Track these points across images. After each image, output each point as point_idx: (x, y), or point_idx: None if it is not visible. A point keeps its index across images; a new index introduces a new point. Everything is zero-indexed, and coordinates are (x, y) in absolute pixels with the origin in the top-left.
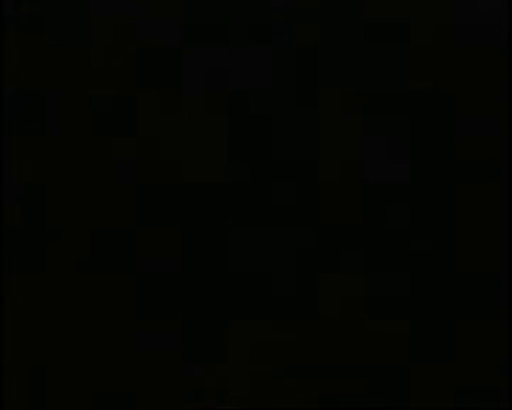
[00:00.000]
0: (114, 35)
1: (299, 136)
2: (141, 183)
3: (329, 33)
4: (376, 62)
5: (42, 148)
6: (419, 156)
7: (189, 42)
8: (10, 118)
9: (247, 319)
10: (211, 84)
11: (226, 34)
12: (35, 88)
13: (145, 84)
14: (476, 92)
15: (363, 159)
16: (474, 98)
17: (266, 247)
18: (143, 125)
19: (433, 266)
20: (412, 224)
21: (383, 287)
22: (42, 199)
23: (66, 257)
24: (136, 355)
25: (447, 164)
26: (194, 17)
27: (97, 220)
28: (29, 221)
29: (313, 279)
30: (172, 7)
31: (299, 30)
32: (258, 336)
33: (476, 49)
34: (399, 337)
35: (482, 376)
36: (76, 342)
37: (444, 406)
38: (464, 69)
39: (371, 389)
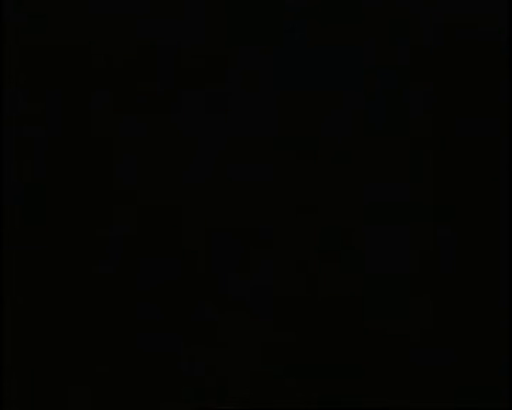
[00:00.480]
0: (115, 35)
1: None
2: (140, 183)
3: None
4: (377, 63)
5: (42, 148)
6: (420, 158)
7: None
8: (10, 118)
9: (247, 318)
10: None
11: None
12: (35, 88)
13: (144, 85)
14: (476, 92)
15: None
16: (474, 98)
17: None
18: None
19: (433, 265)
20: (411, 223)
21: (383, 286)
22: (42, 199)
23: (66, 257)
24: (136, 355)
25: (447, 164)
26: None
27: (97, 221)
28: (29, 221)
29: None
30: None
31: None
32: (258, 337)
33: (476, 48)
34: (399, 337)
35: (482, 376)
36: (76, 343)
37: (444, 406)
38: (464, 69)
39: (371, 389)
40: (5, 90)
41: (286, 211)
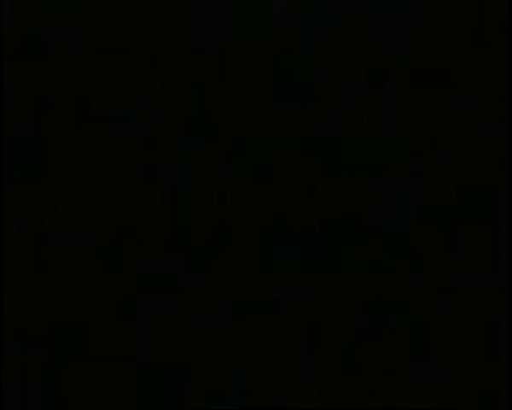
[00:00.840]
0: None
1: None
2: (140, 182)
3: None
4: (371, 61)
5: (41, 148)
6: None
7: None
8: (10, 118)
9: (247, 319)
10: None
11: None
12: (35, 89)
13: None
14: (476, 92)
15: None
16: (474, 98)
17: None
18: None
19: (433, 264)
20: (410, 222)
21: (383, 287)
22: (42, 200)
23: (66, 258)
24: (136, 355)
25: (447, 164)
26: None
27: (96, 221)
28: (29, 222)
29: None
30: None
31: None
32: (258, 336)
33: (476, 48)
34: (399, 337)
35: (482, 376)
36: (76, 342)
37: (444, 406)
38: (464, 68)
39: (371, 389)
40: (5, 90)
41: (286, 211)
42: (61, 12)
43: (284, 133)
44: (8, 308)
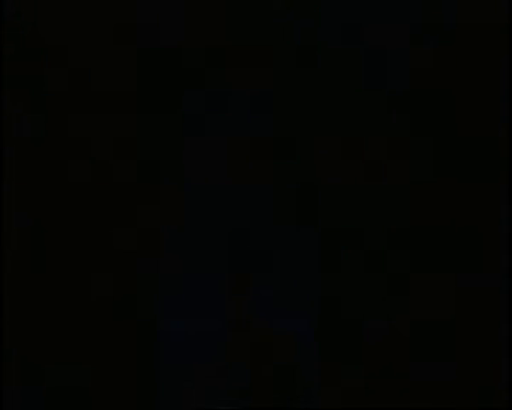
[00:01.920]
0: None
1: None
2: (140, 182)
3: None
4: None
5: (41, 148)
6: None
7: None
8: (10, 119)
9: (247, 318)
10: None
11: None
12: (35, 89)
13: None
14: (476, 91)
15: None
16: (474, 97)
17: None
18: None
19: (433, 264)
20: (410, 224)
21: (384, 287)
22: (41, 203)
23: (66, 258)
24: (136, 355)
25: (447, 164)
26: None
27: (95, 226)
28: (29, 225)
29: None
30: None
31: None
32: (259, 337)
33: (476, 48)
34: (399, 337)
35: (482, 376)
36: (75, 342)
37: (444, 406)
38: (464, 67)
39: (371, 389)
40: (5, 90)
41: (287, 212)
42: (61, 12)
43: (286, 133)
44: (8, 308)
